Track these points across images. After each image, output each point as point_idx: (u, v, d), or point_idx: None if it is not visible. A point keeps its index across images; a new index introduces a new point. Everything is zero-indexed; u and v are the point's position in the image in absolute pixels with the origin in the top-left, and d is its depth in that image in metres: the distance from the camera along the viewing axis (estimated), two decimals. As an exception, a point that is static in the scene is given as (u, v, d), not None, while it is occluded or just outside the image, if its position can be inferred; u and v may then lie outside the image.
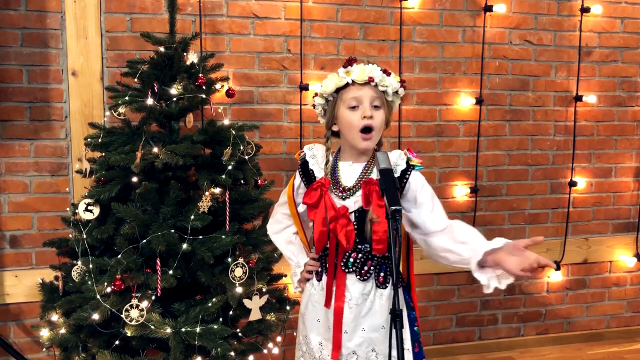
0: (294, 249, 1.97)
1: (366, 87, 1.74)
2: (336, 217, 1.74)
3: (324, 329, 1.84)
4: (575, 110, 3.29)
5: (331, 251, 1.78)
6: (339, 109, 1.78)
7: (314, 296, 1.86)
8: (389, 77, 1.76)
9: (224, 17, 2.79)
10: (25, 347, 2.72)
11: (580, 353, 3.38)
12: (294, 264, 1.95)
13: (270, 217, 2.08)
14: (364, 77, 1.73)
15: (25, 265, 2.70)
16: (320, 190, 1.77)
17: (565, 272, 3.43)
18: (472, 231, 1.80)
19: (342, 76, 1.75)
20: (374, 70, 1.74)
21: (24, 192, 2.66)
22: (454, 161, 3.18)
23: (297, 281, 1.94)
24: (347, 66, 1.76)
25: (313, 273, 1.88)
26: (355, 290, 1.78)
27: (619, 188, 3.44)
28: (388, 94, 1.77)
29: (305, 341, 1.90)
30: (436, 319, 3.28)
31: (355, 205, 1.76)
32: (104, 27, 2.65)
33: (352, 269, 1.78)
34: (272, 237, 2.04)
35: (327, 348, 1.82)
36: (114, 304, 1.99)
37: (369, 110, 1.73)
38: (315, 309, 1.86)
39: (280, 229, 2.01)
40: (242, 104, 2.86)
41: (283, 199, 1.98)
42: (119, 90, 2.24)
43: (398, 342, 1.42)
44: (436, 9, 3.03)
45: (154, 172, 2.12)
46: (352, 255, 1.78)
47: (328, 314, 1.81)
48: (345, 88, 1.76)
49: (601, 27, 3.26)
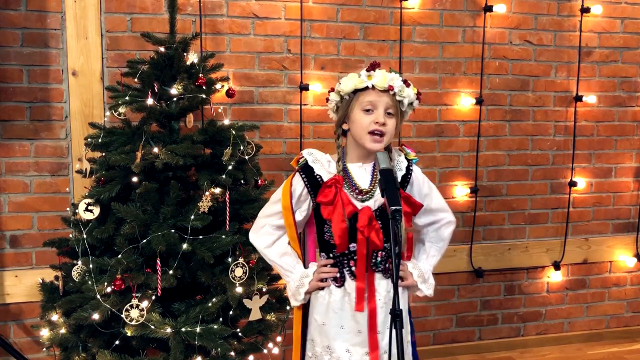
0: (290, 260, 1.88)
1: (384, 94, 1.76)
2: (354, 213, 1.76)
3: (350, 335, 1.81)
4: (575, 111, 3.29)
5: (361, 252, 1.76)
6: (353, 109, 1.79)
7: (335, 303, 1.82)
8: (408, 88, 1.79)
9: (224, 17, 2.79)
10: (26, 347, 2.72)
11: (580, 353, 3.38)
12: (297, 275, 1.86)
13: (253, 228, 1.95)
14: (384, 85, 1.75)
15: (25, 265, 2.70)
16: (334, 187, 1.77)
17: (565, 272, 3.43)
18: (434, 248, 1.96)
19: (363, 79, 1.77)
20: (395, 79, 1.76)
21: (24, 192, 2.66)
22: (454, 161, 3.18)
23: (304, 292, 1.85)
24: (370, 70, 1.78)
25: (329, 280, 1.83)
26: (382, 288, 1.81)
27: (619, 188, 3.44)
28: (403, 104, 1.80)
29: (328, 351, 1.84)
30: (436, 319, 3.28)
31: (375, 204, 1.79)
32: (104, 27, 2.66)
33: (380, 267, 1.80)
34: (263, 250, 1.92)
35: (357, 353, 1.81)
36: (114, 304, 1.99)
37: (382, 117, 1.75)
38: (338, 316, 1.82)
39: (272, 242, 1.89)
40: (242, 104, 2.86)
41: (273, 210, 1.88)
42: (119, 90, 2.24)
43: (398, 342, 1.43)
44: (436, 9, 3.03)
45: (154, 172, 2.12)
46: (379, 254, 1.79)
47: (357, 318, 1.79)
48: (364, 91, 1.77)
49: (601, 27, 3.26)
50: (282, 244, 1.89)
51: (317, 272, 1.84)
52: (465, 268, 3.24)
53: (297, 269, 1.88)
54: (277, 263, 1.90)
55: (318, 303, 1.86)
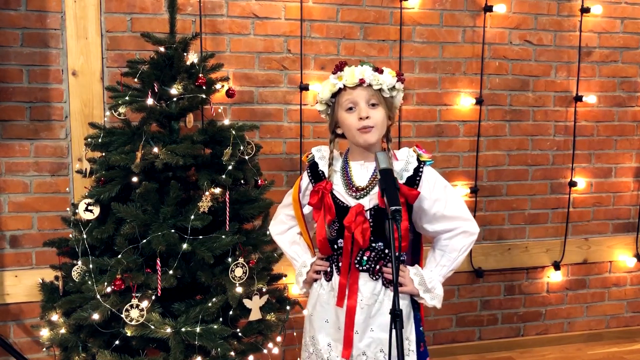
0: (298, 249, 1.99)
1: (359, 88, 1.76)
2: (333, 221, 1.78)
3: (333, 330, 1.83)
4: (575, 111, 3.29)
5: (346, 249, 1.78)
6: (338, 112, 1.80)
7: (323, 297, 1.86)
8: (381, 74, 1.77)
9: (224, 17, 2.79)
10: (25, 347, 2.72)
11: (580, 353, 3.38)
12: (299, 263, 1.95)
13: (273, 218, 2.09)
14: (354, 80, 1.75)
15: (25, 265, 2.70)
16: (321, 192, 1.79)
17: (565, 272, 3.43)
18: (446, 257, 1.87)
19: (333, 82, 1.78)
20: (364, 72, 1.75)
21: (24, 192, 2.66)
22: (454, 161, 3.18)
23: (302, 282, 1.93)
24: (336, 72, 1.79)
25: (321, 273, 1.88)
26: (366, 290, 1.79)
27: (619, 188, 3.44)
28: (384, 90, 1.78)
29: (313, 342, 1.89)
30: (436, 319, 3.28)
31: (370, 203, 1.77)
32: (104, 27, 2.66)
33: (366, 267, 1.79)
34: (275, 237, 2.05)
35: (337, 349, 1.82)
36: (114, 304, 1.99)
37: (364, 111, 1.74)
38: (324, 310, 1.85)
39: (284, 230, 2.02)
40: (242, 104, 2.86)
41: (287, 201, 2.00)
42: (119, 90, 2.24)
43: (398, 342, 1.42)
44: (436, 9, 3.03)
45: (154, 172, 2.12)
46: (366, 254, 1.79)
47: (338, 314, 1.81)
48: (341, 92, 1.78)
49: (601, 28, 3.26)
50: (293, 233, 2.01)
51: (313, 264, 1.91)
52: (465, 268, 3.24)
53: (302, 258, 1.96)
54: (286, 250, 2.02)
55: (311, 294, 1.93)
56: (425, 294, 1.81)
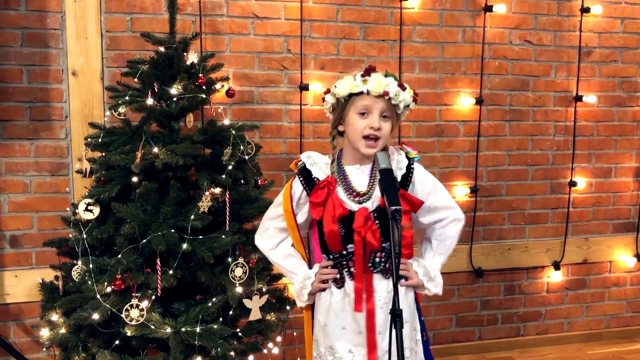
0: (294, 262, 1.91)
1: (380, 99, 1.75)
2: (347, 215, 1.76)
3: (352, 335, 1.82)
4: (575, 111, 3.29)
5: (358, 253, 1.77)
6: (348, 112, 1.79)
7: (336, 304, 1.83)
8: (403, 92, 1.77)
9: (224, 17, 2.79)
10: (25, 347, 2.72)
11: (580, 353, 3.38)
12: (300, 276, 1.89)
13: (259, 231, 1.99)
14: (379, 90, 1.73)
15: (25, 265, 2.70)
16: (327, 188, 1.78)
17: (565, 272, 3.43)
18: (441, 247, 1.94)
19: (358, 83, 1.75)
20: (390, 85, 1.75)
21: (24, 192, 2.66)
22: (454, 161, 3.18)
23: (307, 294, 1.87)
24: (365, 75, 1.76)
25: (329, 282, 1.84)
26: (381, 289, 1.80)
27: (619, 188, 3.44)
28: (399, 107, 1.79)
29: (331, 352, 1.85)
30: (436, 319, 3.28)
31: (373, 205, 1.78)
32: (104, 27, 2.66)
33: (379, 268, 1.79)
34: (267, 253, 1.95)
35: (360, 353, 1.81)
36: (114, 303, 1.99)
37: (377, 122, 1.74)
38: (339, 318, 1.83)
39: (275, 244, 1.93)
40: (242, 104, 2.86)
41: (274, 212, 1.93)
42: (119, 90, 2.24)
43: (398, 342, 1.43)
44: (436, 9, 3.03)
45: (154, 172, 2.12)
46: (377, 255, 1.79)
47: (356, 319, 1.80)
48: (359, 95, 1.76)
49: (601, 27, 3.26)
50: (285, 246, 1.93)
51: (318, 274, 1.85)
52: (465, 268, 3.24)
53: (301, 271, 1.90)
54: (281, 265, 1.93)
55: (320, 304, 1.88)
56: (429, 284, 1.87)
